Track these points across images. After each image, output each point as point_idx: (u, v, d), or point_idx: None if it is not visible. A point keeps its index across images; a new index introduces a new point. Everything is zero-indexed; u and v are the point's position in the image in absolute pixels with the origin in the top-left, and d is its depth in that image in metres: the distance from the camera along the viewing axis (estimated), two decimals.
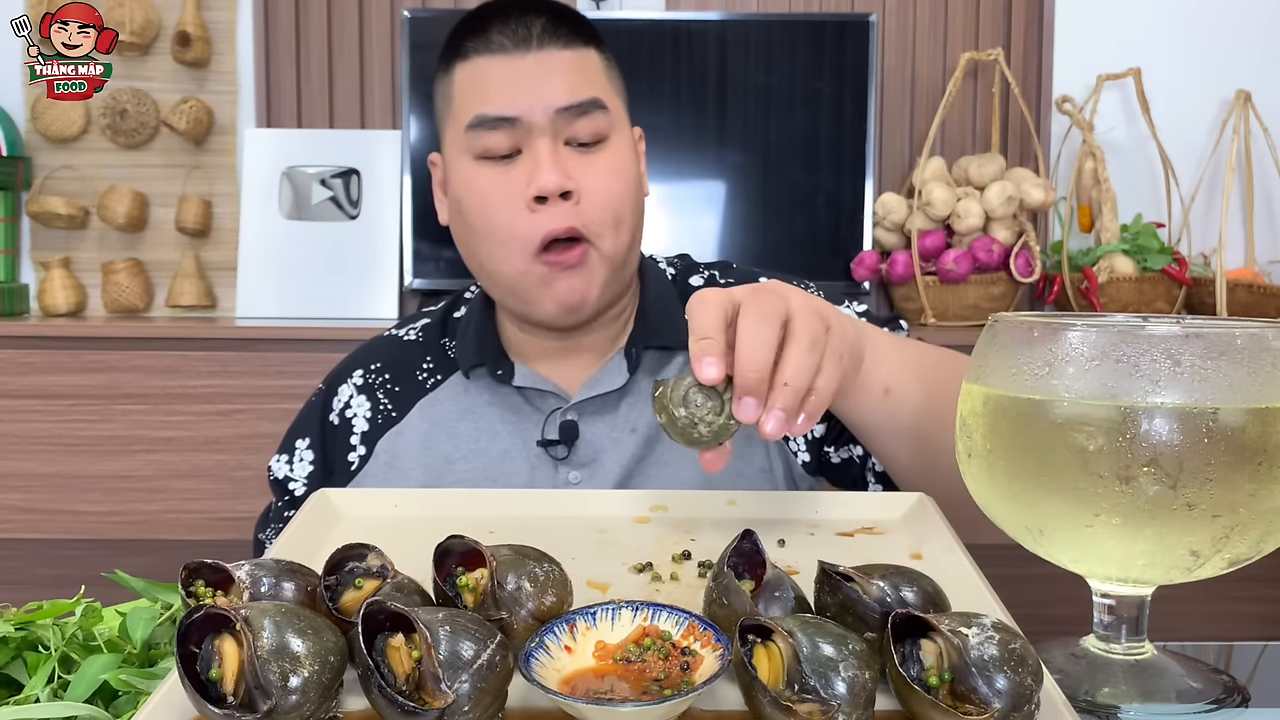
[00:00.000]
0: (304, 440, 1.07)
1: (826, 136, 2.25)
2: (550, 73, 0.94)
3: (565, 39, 0.96)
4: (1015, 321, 0.57)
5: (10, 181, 2.26)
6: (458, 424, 1.03)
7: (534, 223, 0.93)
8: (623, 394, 1.02)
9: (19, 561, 1.99)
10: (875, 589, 0.52)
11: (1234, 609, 2.00)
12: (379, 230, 2.29)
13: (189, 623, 0.45)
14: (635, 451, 0.99)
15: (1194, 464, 0.50)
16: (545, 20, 0.96)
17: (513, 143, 0.95)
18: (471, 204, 0.97)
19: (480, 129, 0.95)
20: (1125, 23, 2.35)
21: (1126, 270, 2.15)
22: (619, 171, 0.97)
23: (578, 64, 0.96)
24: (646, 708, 0.43)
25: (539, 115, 0.93)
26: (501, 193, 0.95)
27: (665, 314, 1.04)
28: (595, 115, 0.95)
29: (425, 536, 0.56)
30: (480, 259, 0.99)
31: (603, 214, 0.95)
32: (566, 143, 0.95)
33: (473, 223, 0.97)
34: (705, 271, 1.11)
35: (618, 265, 0.98)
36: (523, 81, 0.94)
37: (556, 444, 0.99)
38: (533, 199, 0.93)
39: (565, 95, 0.94)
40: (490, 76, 0.95)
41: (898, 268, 2.18)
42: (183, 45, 2.26)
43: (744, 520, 0.71)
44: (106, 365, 1.95)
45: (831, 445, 1.03)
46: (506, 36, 0.95)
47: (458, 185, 0.98)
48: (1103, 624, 0.59)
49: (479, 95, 0.95)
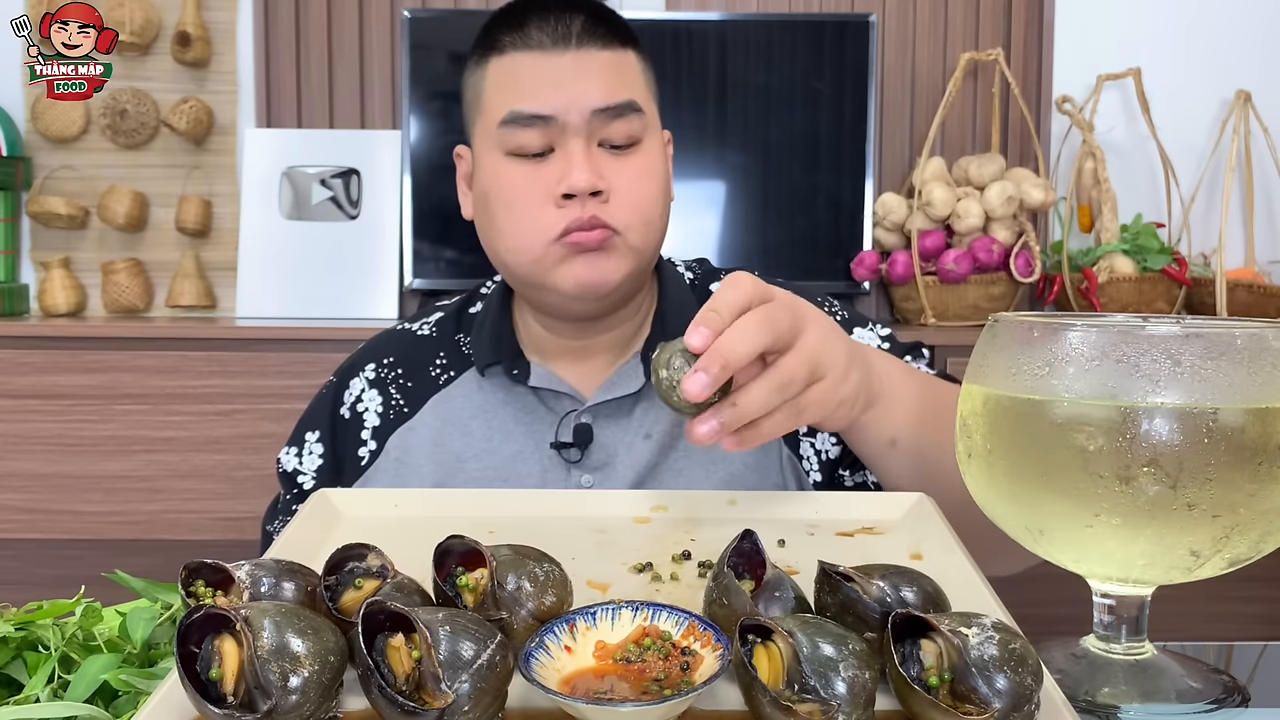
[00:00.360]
0: (314, 433, 1.06)
1: (826, 136, 2.25)
2: (588, 73, 0.93)
3: (604, 39, 0.95)
4: (1015, 321, 0.57)
5: (10, 181, 2.26)
6: (470, 422, 1.02)
7: (559, 216, 0.93)
8: (638, 398, 1.01)
9: (19, 561, 1.99)
10: (875, 589, 0.52)
11: (1234, 609, 2.00)
12: (379, 230, 2.29)
13: (189, 623, 0.45)
14: (650, 458, 0.99)
15: (1194, 464, 0.50)
16: (585, 19, 0.95)
17: (545, 141, 0.94)
18: (499, 199, 0.95)
19: (513, 126, 0.93)
20: (1125, 23, 2.35)
21: (1126, 270, 2.15)
22: (650, 174, 0.96)
23: (616, 65, 0.95)
24: (646, 708, 0.43)
25: (574, 115, 0.92)
26: (530, 190, 0.94)
27: (684, 319, 1.02)
28: (630, 118, 0.94)
29: (425, 536, 0.56)
30: (500, 250, 0.98)
31: (631, 214, 0.94)
32: (600, 144, 0.94)
33: (497, 217, 0.96)
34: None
35: (643, 260, 0.97)
36: (560, 80, 0.93)
37: (570, 447, 0.99)
38: (561, 196, 0.92)
39: (602, 97, 0.93)
40: (527, 73, 0.94)
41: (898, 268, 2.18)
42: (183, 45, 2.26)
43: (744, 520, 0.71)
44: (106, 365, 1.95)
45: (846, 469, 1.01)
46: (545, 34, 0.94)
47: (485, 179, 0.97)
48: (1103, 624, 0.59)
49: (514, 92, 0.94)
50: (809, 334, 0.70)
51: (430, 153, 2.22)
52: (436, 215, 2.23)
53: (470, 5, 2.35)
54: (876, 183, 2.30)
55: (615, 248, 0.94)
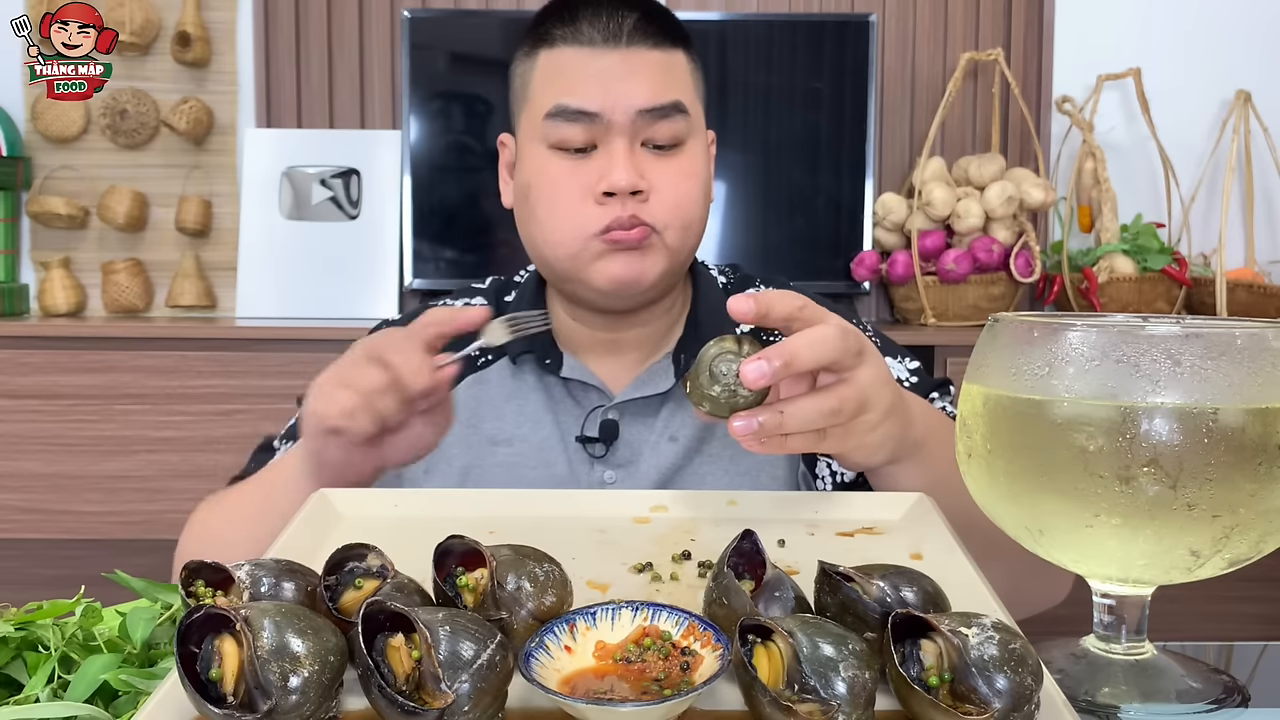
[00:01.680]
0: None
1: (826, 136, 2.25)
2: (636, 72, 0.93)
3: (655, 38, 0.95)
4: (1015, 321, 0.57)
5: (10, 181, 2.26)
6: (505, 405, 1.02)
7: (599, 213, 0.93)
8: (665, 399, 1.01)
9: (19, 561, 1.99)
10: (875, 589, 0.52)
11: (1234, 609, 2.00)
12: (379, 230, 2.29)
13: (189, 623, 0.45)
14: (674, 460, 0.99)
15: (1194, 464, 0.50)
16: (637, 18, 0.94)
17: (589, 137, 0.94)
18: (540, 192, 0.96)
19: (558, 119, 0.94)
20: (1125, 23, 2.35)
21: (1126, 270, 2.15)
22: (692, 175, 0.97)
23: (665, 65, 0.95)
24: (646, 708, 0.43)
25: (620, 114, 0.93)
26: (571, 185, 0.94)
27: (717, 322, 1.02)
28: (675, 119, 0.95)
29: (425, 536, 0.56)
30: (538, 242, 0.98)
31: (671, 214, 0.95)
32: (643, 144, 0.95)
33: (537, 209, 0.96)
34: (762, 286, 1.11)
35: (679, 259, 0.98)
36: (608, 78, 0.93)
37: (595, 441, 0.99)
38: (602, 194, 0.93)
39: (649, 97, 0.93)
40: (575, 68, 0.94)
41: (898, 268, 2.18)
42: (183, 45, 2.26)
43: (744, 520, 0.71)
44: (106, 365, 1.95)
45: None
46: (597, 30, 0.94)
47: (527, 170, 0.98)
48: (1103, 624, 0.59)
49: (561, 85, 0.94)
50: (866, 369, 0.70)
51: (430, 153, 2.22)
52: (436, 215, 2.23)
53: (470, 5, 2.35)
54: (876, 183, 2.30)
55: (652, 246, 0.95)
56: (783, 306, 0.68)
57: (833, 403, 0.69)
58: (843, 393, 0.69)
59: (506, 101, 1.05)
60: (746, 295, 0.67)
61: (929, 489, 0.76)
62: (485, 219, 2.24)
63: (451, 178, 2.24)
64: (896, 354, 1.05)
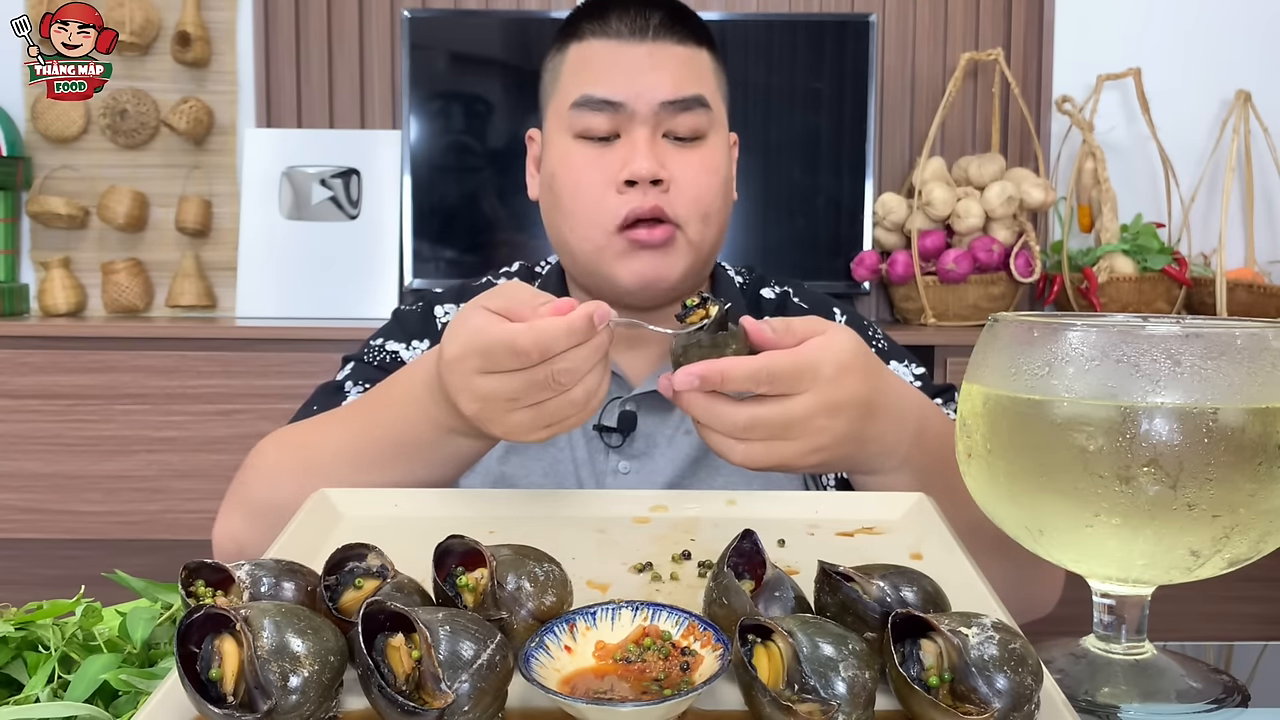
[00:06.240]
0: (422, 342, 1.06)
1: (826, 136, 2.25)
2: (660, 65, 0.96)
3: (680, 35, 0.98)
4: (1015, 321, 0.57)
5: (10, 181, 2.26)
6: None
7: (621, 202, 0.95)
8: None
9: (19, 561, 1.99)
10: (875, 589, 0.52)
11: (1234, 609, 2.00)
12: (379, 230, 2.29)
13: (189, 623, 0.45)
14: (690, 453, 1.00)
15: (1194, 464, 0.50)
16: (664, 15, 0.98)
17: (612, 126, 0.97)
18: (564, 181, 0.98)
19: (583, 108, 0.97)
20: (1125, 23, 2.35)
21: (1126, 270, 2.15)
22: (712, 168, 0.99)
23: (688, 60, 0.98)
24: (646, 708, 0.43)
25: (642, 104, 0.96)
26: (594, 173, 0.96)
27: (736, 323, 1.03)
28: (697, 112, 0.97)
29: (425, 536, 0.56)
30: (563, 233, 1.00)
31: (691, 205, 0.97)
32: (665, 135, 0.97)
33: (561, 198, 0.99)
34: (777, 287, 1.13)
35: (703, 257, 1.00)
36: (632, 69, 0.96)
37: (612, 431, 1.00)
38: (623, 182, 0.95)
39: (671, 89, 0.96)
40: (601, 60, 0.97)
41: (898, 268, 2.18)
42: (183, 45, 2.26)
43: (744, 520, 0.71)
44: (106, 365, 1.95)
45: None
46: (624, 24, 0.97)
47: (552, 160, 1.00)
48: (1103, 624, 0.59)
49: (587, 76, 0.97)
50: (804, 400, 0.71)
51: (430, 153, 2.21)
52: (436, 215, 2.23)
53: (470, 5, 2.35)
54: (876, 183, 2.30)
55: (675, 244, 0.97)
56: (738, 377, 0.71)
57: (744, 419, 0.71)
58: (760, 413, 0.71)
59: (506, 101, 1.05)
60: (667, 376, 0.72)
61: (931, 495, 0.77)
62: (485, 219, 2.24)
63: (451, 178, 2.24)
64: (903, 359, 1.07)
